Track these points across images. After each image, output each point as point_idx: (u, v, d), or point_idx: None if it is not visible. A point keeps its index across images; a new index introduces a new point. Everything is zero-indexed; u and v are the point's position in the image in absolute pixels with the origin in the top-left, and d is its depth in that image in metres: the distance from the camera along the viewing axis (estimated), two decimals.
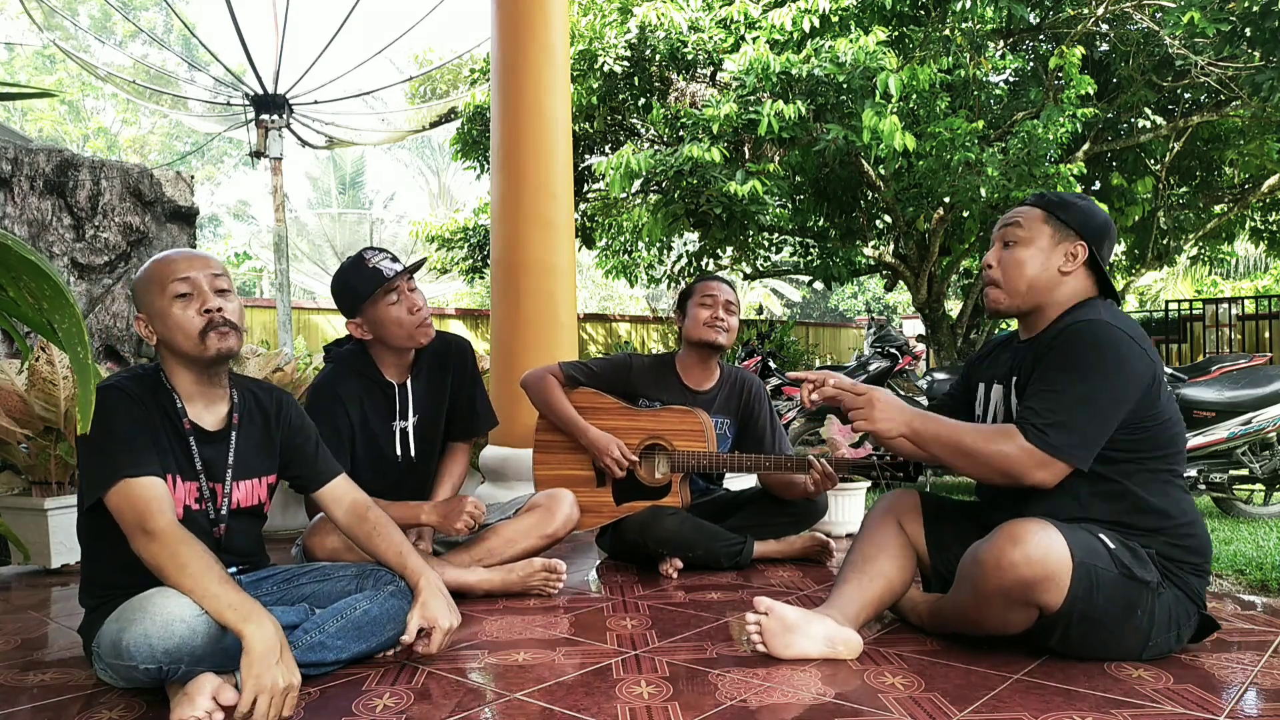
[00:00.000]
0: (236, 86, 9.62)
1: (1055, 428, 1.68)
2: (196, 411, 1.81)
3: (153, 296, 1.76)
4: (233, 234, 24.54)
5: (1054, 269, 1.86)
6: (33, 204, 4.39)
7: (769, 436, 3.00)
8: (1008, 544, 1.63)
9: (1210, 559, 1.80)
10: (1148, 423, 1.75)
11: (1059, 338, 1.78)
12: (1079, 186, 6.67)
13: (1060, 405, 1.70)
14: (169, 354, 1.80)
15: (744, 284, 20.38)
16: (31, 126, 20.00)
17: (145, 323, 1.79)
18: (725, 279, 3.03)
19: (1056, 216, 1.87)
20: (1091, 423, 1.69)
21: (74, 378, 2.99)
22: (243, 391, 1.91)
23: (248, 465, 1.87)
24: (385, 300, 2.45)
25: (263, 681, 1.47)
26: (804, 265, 9.75)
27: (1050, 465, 1.69)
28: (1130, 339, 1.73)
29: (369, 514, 1.94)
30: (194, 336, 1.74)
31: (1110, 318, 1.77)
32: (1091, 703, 1.54)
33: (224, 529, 1.82)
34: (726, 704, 1.57)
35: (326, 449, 2.01)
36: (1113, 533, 1.72)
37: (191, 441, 1.78)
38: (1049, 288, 1.87)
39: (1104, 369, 1.70)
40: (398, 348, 2.52)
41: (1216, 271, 16.36)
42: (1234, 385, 4.09)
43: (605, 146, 8.79)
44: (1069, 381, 1.71)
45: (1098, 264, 1.87)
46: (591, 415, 2.91)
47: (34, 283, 1.24)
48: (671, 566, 2.74)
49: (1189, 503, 1.81)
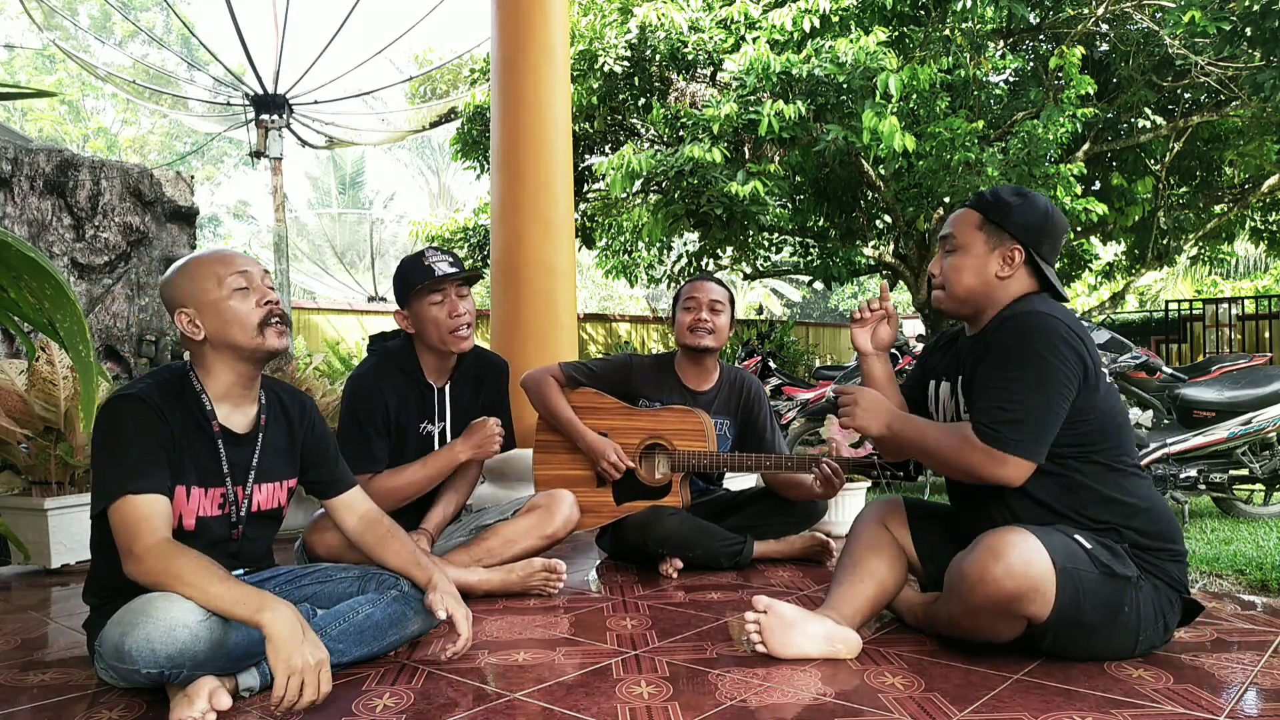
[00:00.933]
0: (236, 86, 9.62)
1: (1005, 424, 1.70)
2: (226, 413, 1.80)
3: (207, 289, 1.74)
4: (233, 234, 24.56)
5: (991, 274, 1.87)
6: (33, 204, 4.39)
7: (769, 436, 3.00)
8: (989, 558, 1.63)
9: (1181, 541, 1.80)
10: (1089, 414, 1.75)
11: (996, 333, 1.80)
12: (1079, 187, 6.67)
13: (1007, 401, 1.71)
14: (214, 351, 1.77)
15: (744, 284, 20.39)
16: (31, 126, 20.00)
17: (192, 317, 1.75)
18: (712, 277, 3.01)
19: (991, 220, 1.88)
20: (1039, 414, 1.70)
21: (75, 377, 3.00)
22: (270, 393, 1.90)
23: (271, 468, 1.86)
24: (429, 298, 2.48)
25: (294, 663, 1.48)
26: (804, 265, 9.76)
27: (1006, 462, 1.70)
28: (1064, 326, 1.74)
29: (382, 520, 1.95)
30: (252, 329, 1.74)
31: (1045, 308, 1.78)
32: (1091, 703, 1.54)
33: (241, 531, 1.82)
34: (726, 704, 1.57)
35: (343, 459, 2.02)
36: (1086, 532, 1.72)
37: (220, 445, 1.77)
38: (987, 292, 1.88)
39: (1041, 358, 1.71)
40: (434, 348, 2.54)
41: (1216, 271, 16.36)
42: (1234, 385, 4.08)
43: (605, 146, 8.80)
44: (1012, 376, 1.72)
45: (1037, 263, 1.87)
46: (592, 415, 2.90)
47: (35, 282, 1.24)
48: (671, 566, 2.74)
49: (1147, 488, 1.81)
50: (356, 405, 2.50)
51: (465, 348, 2.54)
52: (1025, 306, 1.81)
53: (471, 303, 2.55)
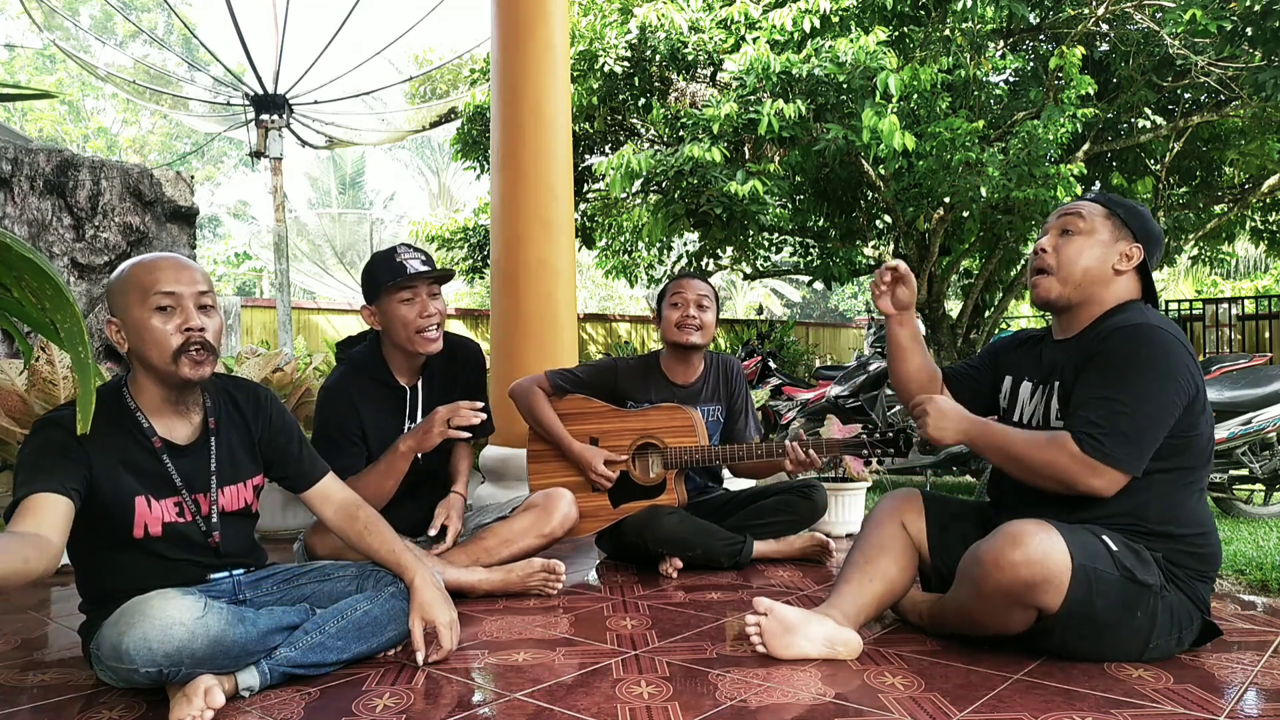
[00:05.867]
0: (236, 86, 9.63)
1: (1112, 436, 1.67)
2: (166, 426, 1.75)
3: (131, 303, 1.67)
4: (233, 234, 24.54)
5: (1109, 265, 1.84)
6: (33, 204, 4.39)
7: (743, 419, 3.06)
8: (1007, 545, 1.63)
9: (1218, 568, 1.80)
10: (1189, 433, 1.74)
11: (1108, 340, 1.76)
12: (1079, 187, 6.67)
13: (1116, 413, 1.68)
14: (138, 366, 1.72)
15: (744, 284, 20.39)
16: (31, 126, 20.00)
17: (118, 328, 1.70)
18: (697, 275, 3.02)
19: (1118, 215, 1.87)
20: (1147, 430, 1.68)
21: (74, 378, 3.00)
22: (217, 394, 1.85)
23: (231, 470, 1.82)
24: (399, 295, 2.42)
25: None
26: (804, 265, 9.75)
27: (1106, 473, 1.68)
28: (1180, 345, 1.72)
29: (359, 512, 1.92)
30: (168, 355, 1.67)
31: (1158, 322, 1.76)
32: (1091, 703, 1.54)
33: (217, 538, 1.80)
34: (726, 704, 1.57)
35: (312, 448, 1.97)
36: (1117, 534, 1.72)
37: (165, 458, 1.73)
38: (1102, 282, 1.85)
39: (1156, 374, 1.69)
40: (400, 347, 2.48)
41: (1216, 271, 16.36)
42: (1234, 385, 4.08)
43: (605, 146, 8.80)
44: (1122, 387, 1.69)
45: (1147, 270, 1.87)
46: (581, 420, 2.92)
47: (36, 282, 1.24)
48: (671, 566, 2.74)
49: (1206, 514, 1.80)
50: (327, 417, 2.45)
51: (433, 349, 2.47)
52: (1137, 317, 1.77)
53: (442, 303, 2.49)
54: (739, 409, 3.07)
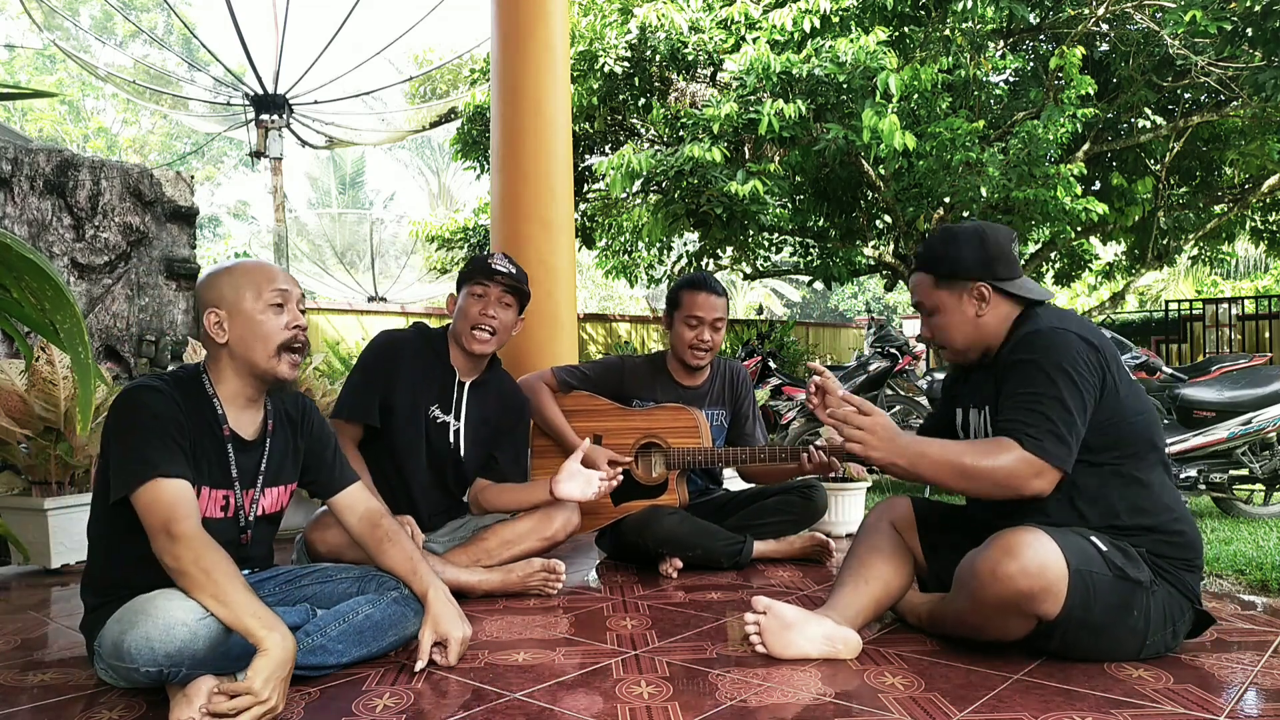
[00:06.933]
0: (236, 86, 9.63)
1: (1048, 436, 1.69)
2: (236, 418, 1.80)
3: (245, 295, 1.75)
4: (233, 234, 24.55)
5: (970, 317, 1.90)
6: (33, 204, 4.39)
7: (749, 424, 3.05)
8: (1003, 556, 1.62)
9: (1201, 554, 1.81)
10: (1118, 420, 1.76)
11: (1014, 352, 1.81)
12: (1079, 187, 6.67)
13: (1041, 414, 1.71)
14: (230, 358, 1.77)
15: (744, 284, 20.39)
16: (31, 126, 20.00)
17: (221, 320, 1.75)
18: (715, 287, 2.93)
19: (942, 276, 1.92)
20: (1071, 425, 1.71)
21: (74, 378, 3.00)
22: (274, 399, 1.91)
23: (278, 473, 1.87)
24: (473, 288, 2.55)
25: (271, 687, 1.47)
26: (804, 265, 9.76)
27: (1046, 473, 1.70)
28: (1076, 338, 1.75)
29: (383, 520, 1.94)
30: (273, 348, 1.75)
31: (1055, 322, 1.80)
32: (1091, 703, 1.54)
33: (250, 535, 1.82)
34: (726, 704, 1.57)
35: (344, 456, 2.01)
36: (1103, 535, 1.73)
37: (229, 449, 1.77)
38: (980, 330, 1.91)
39: (1061, 371, 1.72)
40: (457, 339, 2.56)
41: (1216, 271, 16.36)
42: (1234, 385, 4.08)
43: (605, 146, 8.80)
44: (1040, 390, 1.73)
45: (1011, 285, 1.89)
46: (586, 418, 2.92)
47: (35, 283, 1.24)
48: (671, 566, 2.74)
49: (1174, 498, 1.81)
50: (366, 356, 2.55)
51: (478, 350, 2.53)
52: (1033, 325, 1.82)
53: (508, 316, 2.57)
54: (745, 414, 3.05)
